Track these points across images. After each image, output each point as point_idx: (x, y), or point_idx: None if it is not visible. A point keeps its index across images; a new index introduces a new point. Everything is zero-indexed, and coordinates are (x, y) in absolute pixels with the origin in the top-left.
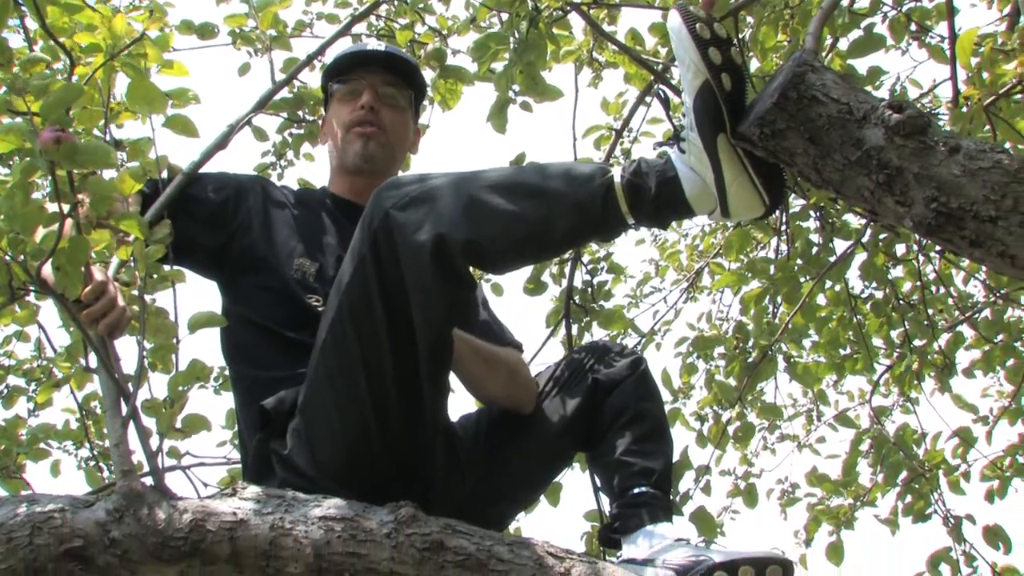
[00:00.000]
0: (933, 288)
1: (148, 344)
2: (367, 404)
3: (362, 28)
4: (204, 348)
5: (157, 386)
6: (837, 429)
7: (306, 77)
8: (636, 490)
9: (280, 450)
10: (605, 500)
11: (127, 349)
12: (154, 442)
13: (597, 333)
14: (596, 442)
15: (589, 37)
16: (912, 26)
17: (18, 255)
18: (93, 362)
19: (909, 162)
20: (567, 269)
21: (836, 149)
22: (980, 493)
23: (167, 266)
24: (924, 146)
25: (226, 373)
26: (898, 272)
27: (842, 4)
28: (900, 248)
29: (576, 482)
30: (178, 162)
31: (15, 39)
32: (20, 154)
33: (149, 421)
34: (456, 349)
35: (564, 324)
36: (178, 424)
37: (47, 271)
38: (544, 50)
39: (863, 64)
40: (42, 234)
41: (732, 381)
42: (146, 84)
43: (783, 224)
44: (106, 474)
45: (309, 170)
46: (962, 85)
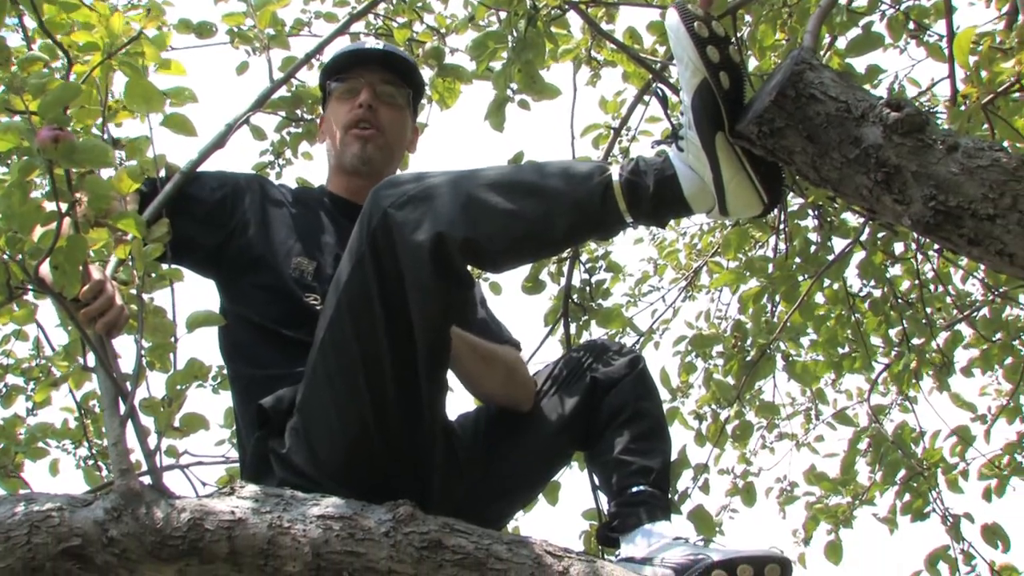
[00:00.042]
0: (931, 286)
1: (146, 343)
2: (365, 402)
3: (360, 27)
4: (202, 347)
5: (155, 385)
6: (836, 428)
7: (304, 76)
8: (634, 489)
9: (278, 449)
10: (603, 499)
11: (125, 348)
12: (152, 441)
13: (595, 332)
14: (594, 441)
15: (587, 36)
16: (910, 24)
17: (16, 254)
18: (91, 361)
19: (907, 160)
20: (565, 268)
21: (834, 147)
22: (978, 492)
23: (165, 265)
24: (922, 144)
25: (224, 372)
26: (896, 270)
27: (840, 2)
28: (898, 246)
29: (574, 481)
30: (176, 161)
31: (13, 38)
32: (18, 153)
33: (147, 420)
34: (454, 347)
35: (562, 323)
36: (176, 423)
37: (45, 270)
38: (542, 49)
39: (861, 63)
40: (40, 233)
41: (730, 380)
42: (144, 83)
43: (781, 222)
44: (105, 473)
45: (307, 169)
46: (960, 83)
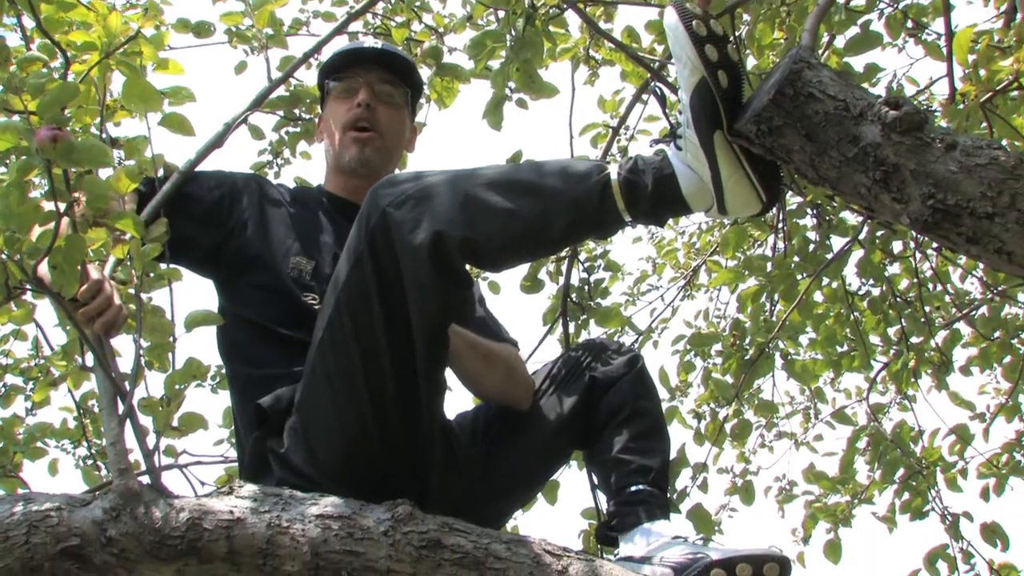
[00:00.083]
0: (930, 285)
1: (145, 342)
2: (364, 401)
3: (358, 26)
4: (201, 346)
5: (154, 385)
6: (835, 427)
7: (302, 75)
8: (633, 488)
9: (277, 448)
10: (602, 498)
11: (124, 347)
12: (151, 441)
13: (594, 331)
14: (593, 440)
15: (585, 35)
16: (908, 23)
17: (14, 253)
18: (90, 361)
19: (906, 159)
20: (564, 267)
21: (833, 146)
22: (977, 490)
23: (163, 264)
24: (921, 143)
25: (223, 371)
26: (895, 269)
27: (838, 1)
28: (897, 245)
29: (573, 480)
30: (174, 160)
31: (12, 38)
32: (16, 152)
33: (146, 420)
34: (453, 344)
35: (561, 322)
36: (175, 423)
37: (43, 270)
38: (541, 48)
39: (859, 61)
40: (38, 232)
41: (729, 378)
42: (141, 82)
43: (780, 221)
44: (104, 473)
45: (306, 168)
46: (959, 82)
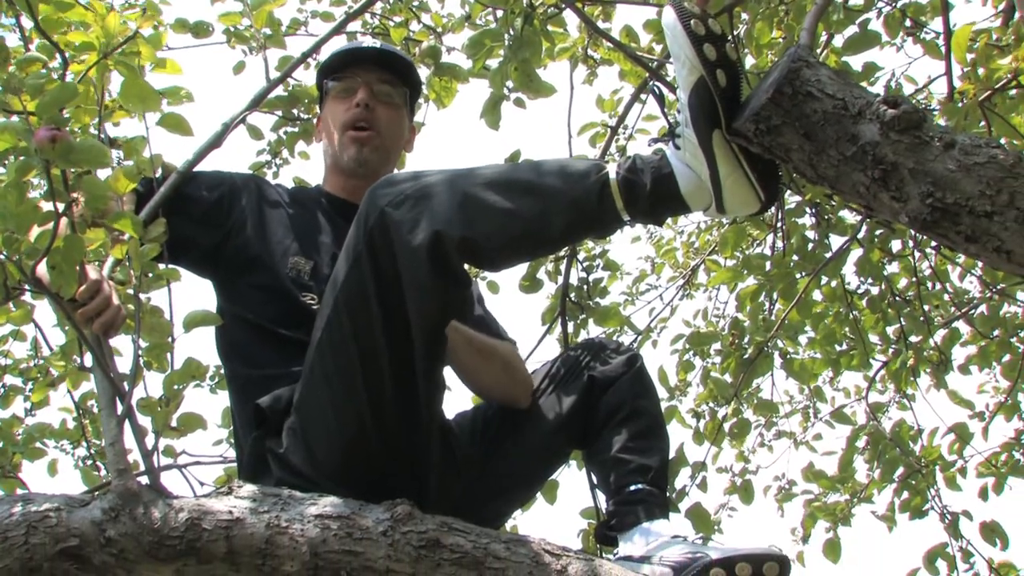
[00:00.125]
0: (929, 284)
1: (143, 343)
2: (363, 401)
3: (357, 26)
4: (200, 347)
5: (153, 385)
6: (834, 426)
7: (301, 75)
8: (632, 487)
9: (276, 448)
10: (601, 497)
11: (123, 348)
12: (150, 441)
13: (593, 330)
14: (592, 439)
15: (584, 34)
16: (907, 22)
17: (13, 254)
18: (88, 361)
19: (904, 157)
20: (563, 266)
21: (831, 145)
22: (976, 489)
23: (162, 265)
24: (919, 141)
25: (222, 372)
26: (894, 268)
27: (836, 0)
28: (896, 244)
29: (573, 479)
30: (172, 161)
31: (10, 38)
32: (15, 153)
33: (145, 420)
34: (451, 339)
35: (560, 321)
36: (174, 423)
37: (42, 270)
38: (539, 47)
39: (858, 60)
40: (37, 233)
41: (728, 378)
42: (140, 82)
43: (779, 220)
44: (103, 473)
45: (304, 168)
46: (957, 80)
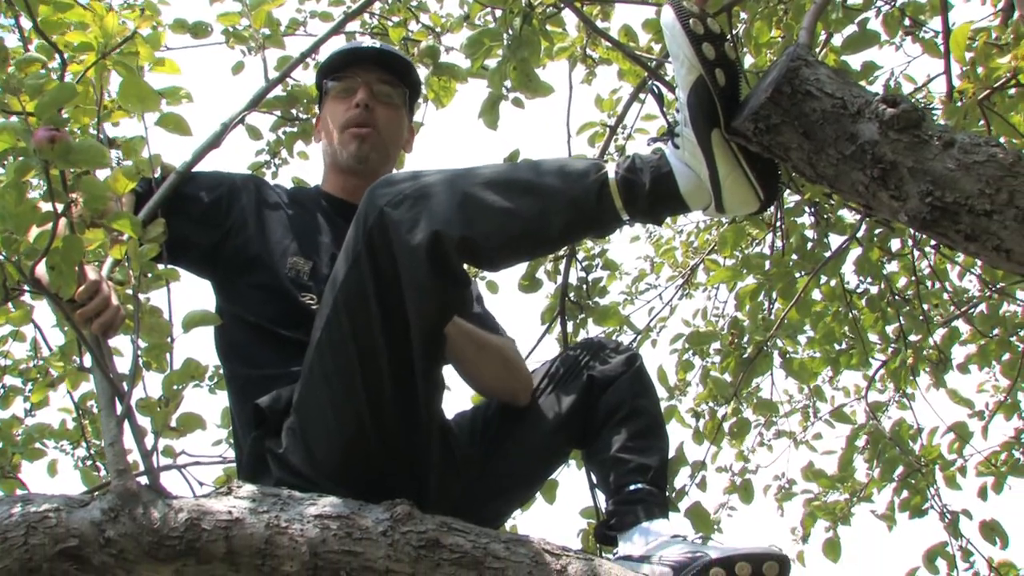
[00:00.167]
0: (928, 283)
1: (143, 343)
2: (362, 401)
3: (355, 26)
4: (199, 347)
5: (152, 385)
6: (833, 425)
7: (299, 75)
8: (632, 487)
9: (275, 448)
10: (601, 497)
11: (122, 348)
12: (149, 441)
13: (592, 330)
14: (591, 439)
15: (583, 33)
16: (906, 21)
17: (12, 255)
18: (88, 361)
19: (903, 156)
20: (562, 266)
21: (830, 144)
22: (976, 488)
23: (161, 265)
24: (918, 140)
25: (221, 372)
26: (893, 267)
27: None
28: (895, 243)
29: (572, 479)
30: (171, 161)
31: (10, 39)
32: (14, 153)
33: (144, 420)
34: (448, 333)
35: (559, 321)
36: (173, 423)
37: (41, 270)
38: (538, 46)
39: (857, 59)
40: (36, 233)
41: (727, 377)
42: (138, 82)
43: (778, 220)
44: (103, 473)
45: (303, 168)
46: (956, 79)
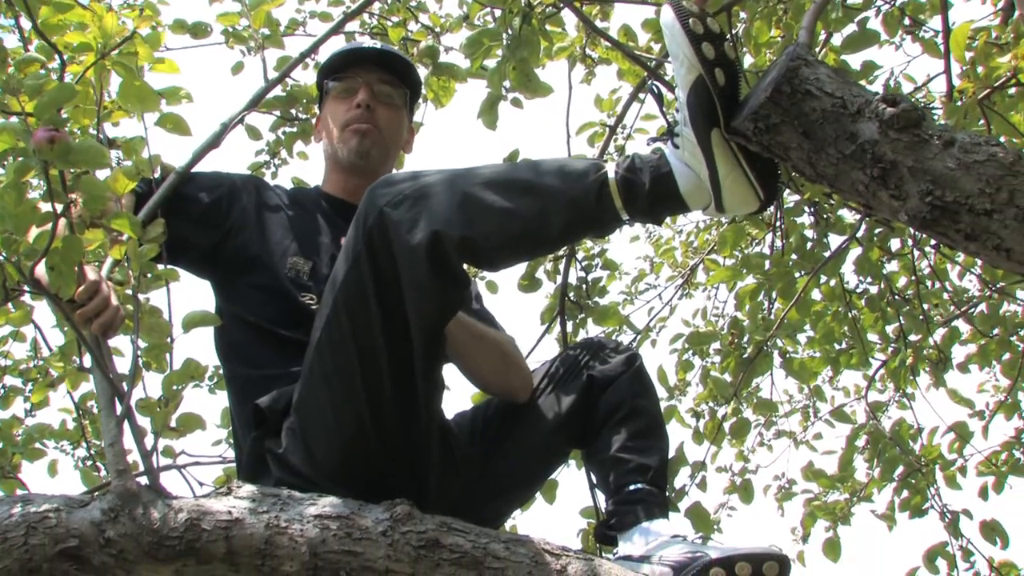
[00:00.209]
0: (928, 283)
1: (142, 343)
2: (362, 401)
3: (355, 26)
4: (198, 347)
5: (152, 385)
6: (833, 425)
7: (299, 75)
8: (632, 487)
9: (275, 449)
10: (601, 497)
11: (122, 348)
12: (149, 441)
13: (592, 330)
14: (591, 439)
15: (582, 33)
16: (906, 20)
17: (12, 255)
18: (87, 362)
19: (903, 156)
20: (562, 266)
21: (830, 143)
22: (977, 488)
23: (161, 265)
24: (918, 139)
25: (220, 372)
26: (893, 267)
27: None
28: (895, 243)
29: (572, 479)
30: (171, 161)
31: (9, 39)
32: (14, 154)
33: (144, 420)
34: (448, 326)
35: (559, 321)
36: (173, 423)
37: (40, 271)
38: (537, 46)
39: (857, 59)
40: (36, 234)
41: (727, 377)
42: (138, 83)
43: (778, 219)
44: (103, 474)
45: (303, 168)
46: (956, 79)
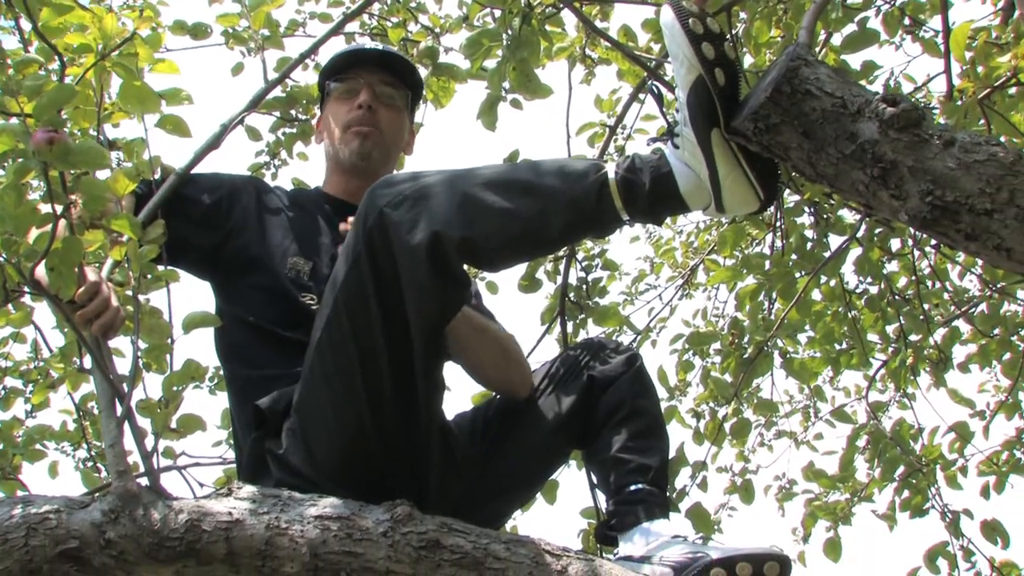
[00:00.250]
0: (928, 283)
1: (143, 344)
2: (362, 402)
3: (355, 27)
4: (199, 348)
5: (152, 386)
6: (834, 425)
7: (299, 76)
8: (632, 487)
9: (275, 449)
10: (602, 497)
11: (122, 349)
12: (149, 442)
13: (592, 330)
14: (592, 439)
15: (582, 34)
16: (906, 20)
17: (12, 256)
18: (88, 363)
19: (904, 155)
20: (562, 266)
21: (830, 143)
22: (977, 488)
23: (161, 266)
24: (919, 139)
25: (221, 373)
26: (893, 267)
27: None
28: (895, 243)
29: (572, 479)
30: (171, 162)
31: (9, 40)
32: (13, 155)
33: (144, 421)
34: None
35: (559, 321)
36: (173, 424)
37: (41, 272)
38: (537, 47)
39: (857, 59)
40: (36, 235)
41: (728, 377)
42: (138, 84)
43: (778, 219)
44: (104, 475)
45: (303, 169)
46: (956, 78)
